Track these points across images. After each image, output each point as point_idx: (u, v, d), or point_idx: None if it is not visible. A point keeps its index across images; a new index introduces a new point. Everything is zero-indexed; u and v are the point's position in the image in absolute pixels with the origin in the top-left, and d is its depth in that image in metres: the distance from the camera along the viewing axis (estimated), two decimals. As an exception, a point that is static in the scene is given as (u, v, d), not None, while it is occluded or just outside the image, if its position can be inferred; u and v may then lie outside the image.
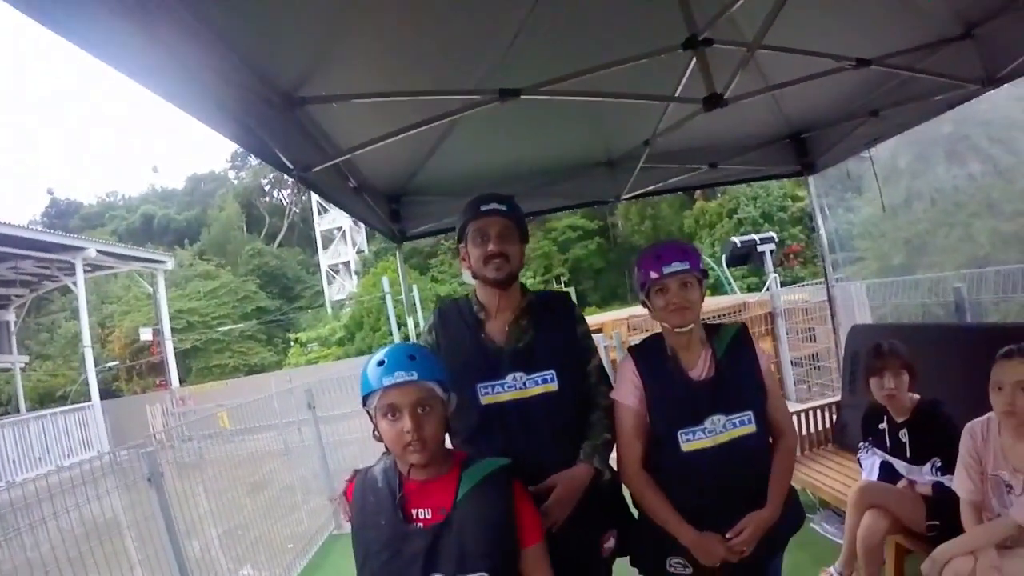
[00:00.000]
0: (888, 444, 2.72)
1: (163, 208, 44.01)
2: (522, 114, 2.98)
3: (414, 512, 1.51)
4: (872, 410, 2.81)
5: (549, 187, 4.05)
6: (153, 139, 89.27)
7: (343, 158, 2.65)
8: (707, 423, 1.79)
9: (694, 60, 2.26)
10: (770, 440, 1.88)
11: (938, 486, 2.48)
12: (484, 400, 1.87)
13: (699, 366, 1.85)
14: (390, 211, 3.82)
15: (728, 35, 2.28)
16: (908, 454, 2.64)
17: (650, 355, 1.91)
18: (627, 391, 1.88)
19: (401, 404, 1.47)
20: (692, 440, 1.79)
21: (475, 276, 1.95)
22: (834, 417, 3.95)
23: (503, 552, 1.48)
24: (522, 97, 2.28)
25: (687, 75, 2.55)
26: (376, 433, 1.55)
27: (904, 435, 2.65)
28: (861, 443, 2.90)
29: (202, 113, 1.87)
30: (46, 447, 12.59)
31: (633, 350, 1.97)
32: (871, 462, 2.79)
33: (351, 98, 2.29)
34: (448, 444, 1.63)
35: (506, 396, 1.87)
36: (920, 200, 16.24)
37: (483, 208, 1.90)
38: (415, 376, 1.48)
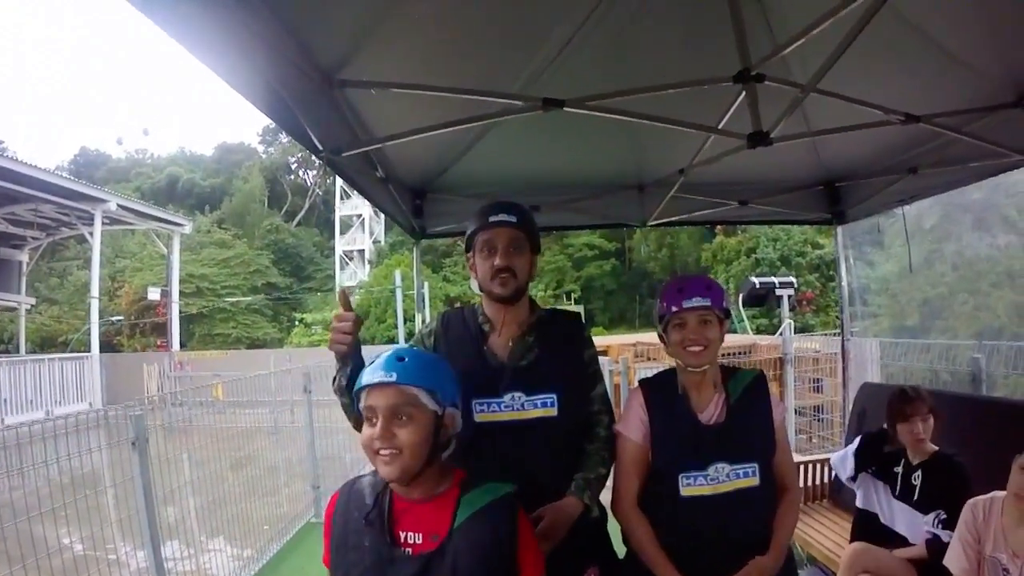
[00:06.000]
0: (898, 485, 2.65)
1: (189, 172, 44.32)
2: (560, 126, 2.93)
3: (403, 535, 1.37)
4: (885, 444, 2.73)
5: (576, 203, 4.00)
6: (184, 104, 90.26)
7: (375, 146, 2.60)
8: (710, 470, 1.72)
9: (743, 94, 2.21)
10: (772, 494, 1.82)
11: (934, 542, 2.41)
12: (479, 417, 1.78)
13: (710, 409, 1.79)
14: (414, 206, 3.77)
15: (779, 73, 2.22)
16: (915, 498, 2.56)
17: (661, 391, 1.85)
18: (632, 425, 1.82)
19: (376, 407, 1.36)
20: (692, 485, 1.73)
21: (481, 289, 1.88)
22: (833, 473, 3.86)
23: None
24: (565, 109, 2.23)
25: (733, 109, 2.50)
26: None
27: (917, 478, 2.57)
28: (862, 473, 2.83)
29: (238, 81, 1.82)
30: (39, 391, 12.58)
31: (644, 383, 1.91)
32: (866, 488, 2.78)
33: (391, 87, 2.24)
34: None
35: (502, 416, 1.79)
36: (942, 263, 16.11)
37: (491, 219, 1.82)
38: (393, 378, 1.35)
